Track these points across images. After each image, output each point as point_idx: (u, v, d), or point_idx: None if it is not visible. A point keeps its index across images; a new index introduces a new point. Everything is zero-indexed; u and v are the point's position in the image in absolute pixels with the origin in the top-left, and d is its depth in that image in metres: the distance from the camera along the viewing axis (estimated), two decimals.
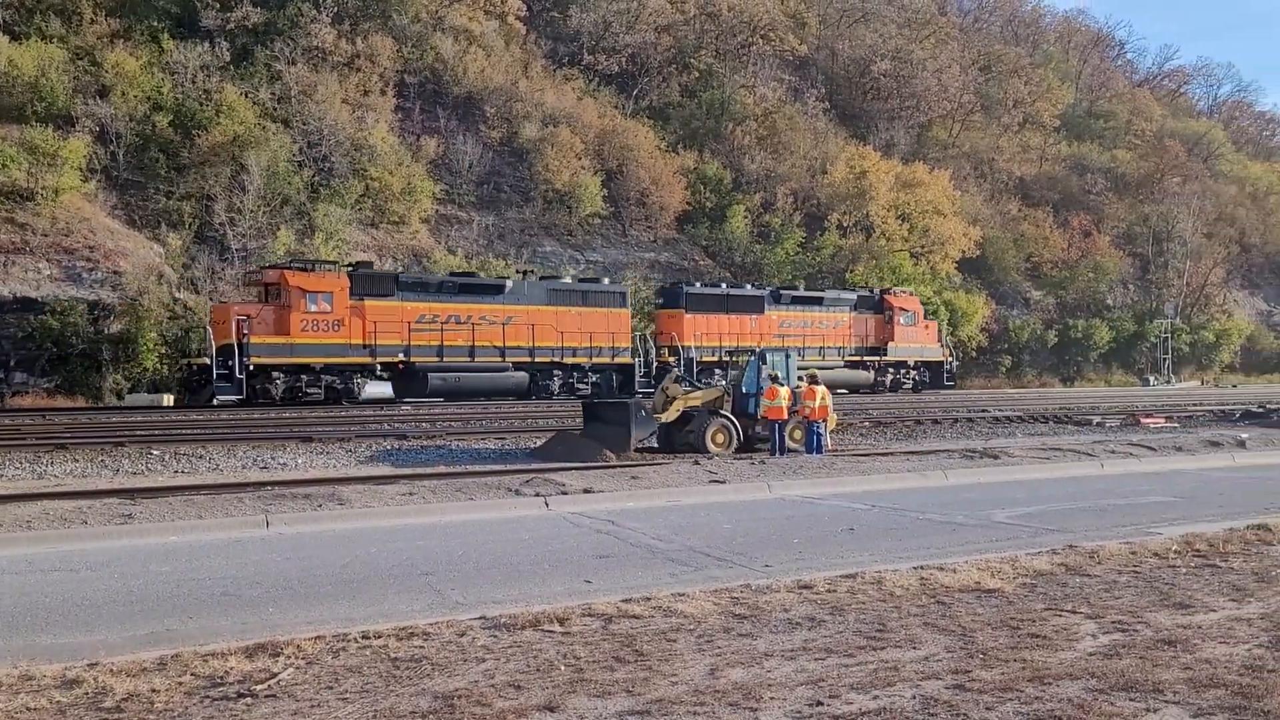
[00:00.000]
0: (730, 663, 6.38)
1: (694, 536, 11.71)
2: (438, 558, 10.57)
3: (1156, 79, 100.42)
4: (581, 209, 50.43)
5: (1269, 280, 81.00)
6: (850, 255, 55.42)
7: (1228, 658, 6.39)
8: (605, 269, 49.07)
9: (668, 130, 57.71)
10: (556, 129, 50.70)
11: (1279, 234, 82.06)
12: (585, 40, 59.57)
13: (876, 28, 73.09)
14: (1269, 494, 15.03)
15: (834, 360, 44.07)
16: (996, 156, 72.86)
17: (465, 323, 34.95)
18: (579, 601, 8.05)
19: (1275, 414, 31.81)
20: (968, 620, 7.42)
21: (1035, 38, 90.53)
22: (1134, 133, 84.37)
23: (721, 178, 56.11)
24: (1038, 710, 5.43)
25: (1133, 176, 76.78)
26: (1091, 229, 69.60)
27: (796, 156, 59.69)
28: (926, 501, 14.49)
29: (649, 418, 21.54)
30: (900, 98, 69.35)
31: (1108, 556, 9.76)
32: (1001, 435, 27.52)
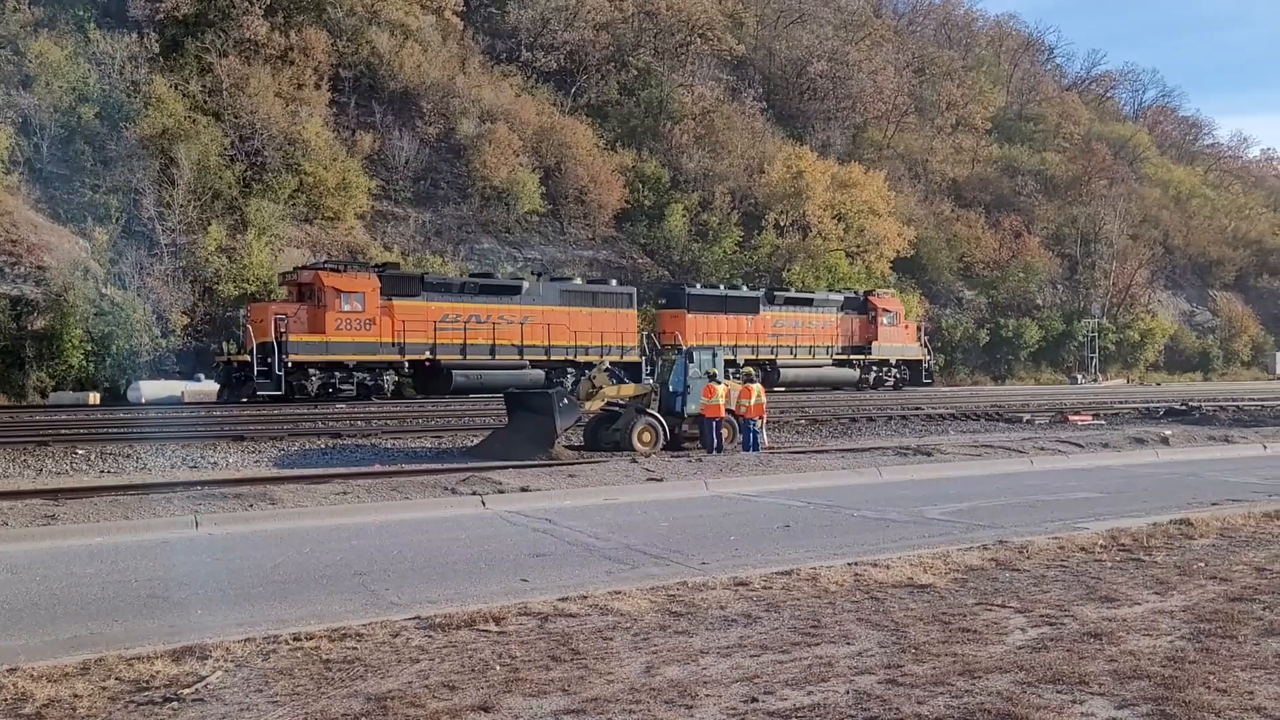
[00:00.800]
0: (666, 660, 6.39)
1: (631, 534, 11.71)
2: (372, 557, 10.45)
3: (1084, 83, 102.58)
4: (519, 206, 50.21)
5: (1191, 281, 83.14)
6: (787, 254, 55.83)
7: (1151, 649, 6.54)
8: (543, 266, 48.87)
9: (606, 128, 57.66)
10: (494, 125, 50.39)
11: (1201, 237, 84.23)
12: (523, 37, 59.28)
13: (813, 29, 73.72)
14: (1191, 489, 15.41)
15: (823, 359, 46.30)
16: (930, 158, 73.89)
17: (485, 322, 36.23)
18: (515, 601, 8.01)
19: (1197, 411, 32.68)
20: (900, 615, 7.51)
21: (968, 41, 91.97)
22: (1063, 136, 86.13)
23: (660, 176, 56.21)
24: (967, 704, 5.51)
25: (1061, 179, 78.36)
26: (1022, 230, 70.90)
27: (734, 156, 60.00)
28: (861, 498, 14.64)
29: (573, 405, 21.47)
30: (836, 99, 70.02)
31: (1037, 551, 9.94)
32: (935, 433, 27.92)
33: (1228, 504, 13.39)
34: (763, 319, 44.34)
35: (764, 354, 44.00)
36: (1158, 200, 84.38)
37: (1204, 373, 73.98)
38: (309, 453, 21.21)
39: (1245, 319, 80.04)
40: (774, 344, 44.52)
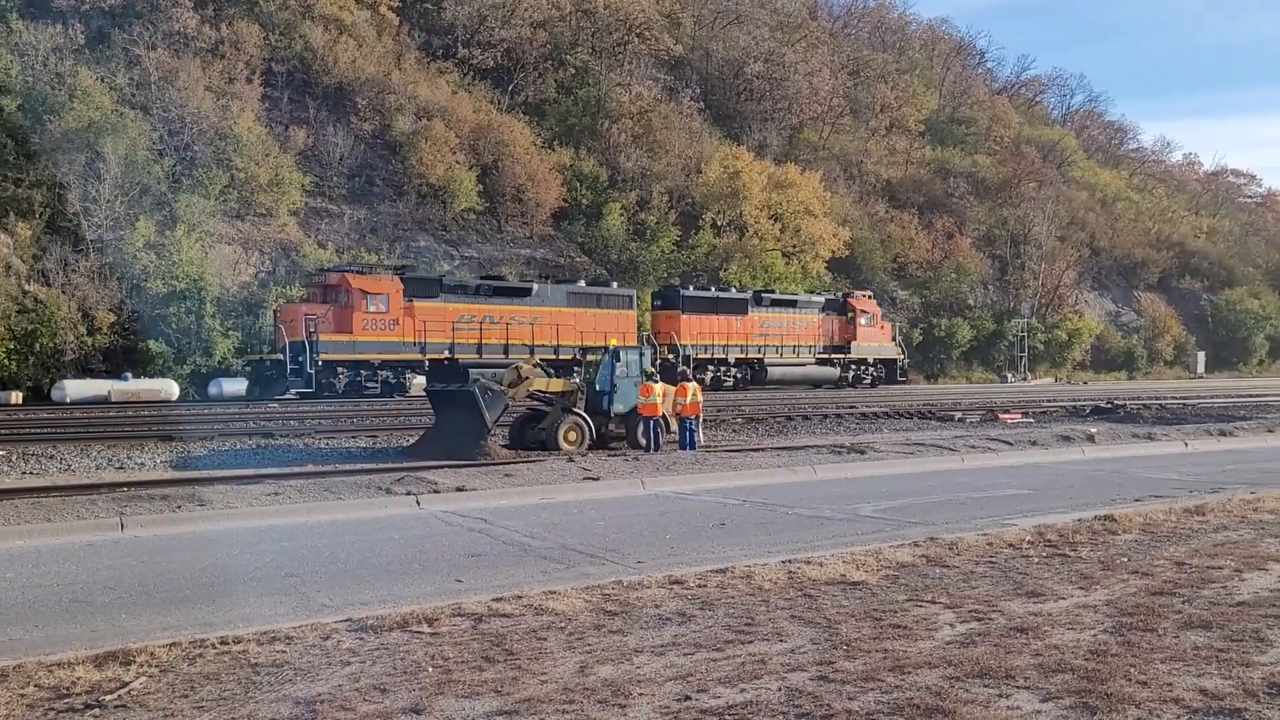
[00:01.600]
0: (600, 660, 6.38)
1: (567, 533, 11.69)
2: (303, 559, 10.31)
3: (1014, 88, 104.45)
4: (456, 204, 49.87)
5: (1116, 282, 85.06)
6: (724, 254, 56.13)
7: (1075, 643, 6.68)
8: (480, 265, 48.61)
9: (544, 126, 57.49)
10: (430, 122, 49.98)
11: (1126, 239, 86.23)
12: (460, 33, 58.86)
13: (750, 30, 74.18)
14: (1115, 486, 15.77)
15: (806, 358, 48.57)
16: (865, 159, 74.73)
17: (499, 322, 37.95)
18: (449, 601, 7.95)
19: (1122, 410, 33.47)
20: (833, 612, 7.58)
21: (901, 44, 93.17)
22: (993, 139, 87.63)
23: (598, 175, 56.17)
24: (897, 699, 5.58)
25: (992, 181, 79.71)
26: (954, 231, 72.00)
27: (672, 155, 60.16)
28: (796, 496, 14.76)
29: (498, 395, 21.29)
30: (773, 100, 70.51)
31: (966, 548, 10.10)
32: (869, 431, 28.24)
33: (1150, 500, 13.72)
34: (751, 320, 46.21)
35: (752, 353, 46.25)
36: (1085, 203, 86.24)
37: (1129, 372, 75.72)
38: (240, 453, 20.87)
39: (1168, 319, 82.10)
40: (761, 343, 46.62)
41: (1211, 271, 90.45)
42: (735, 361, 46.00)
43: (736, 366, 46.18)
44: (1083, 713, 5.38)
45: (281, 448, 21.66)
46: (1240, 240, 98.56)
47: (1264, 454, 20.93)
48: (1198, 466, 18.49)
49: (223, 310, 38.20)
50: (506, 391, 21.59)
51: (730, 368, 45.94)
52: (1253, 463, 19.07)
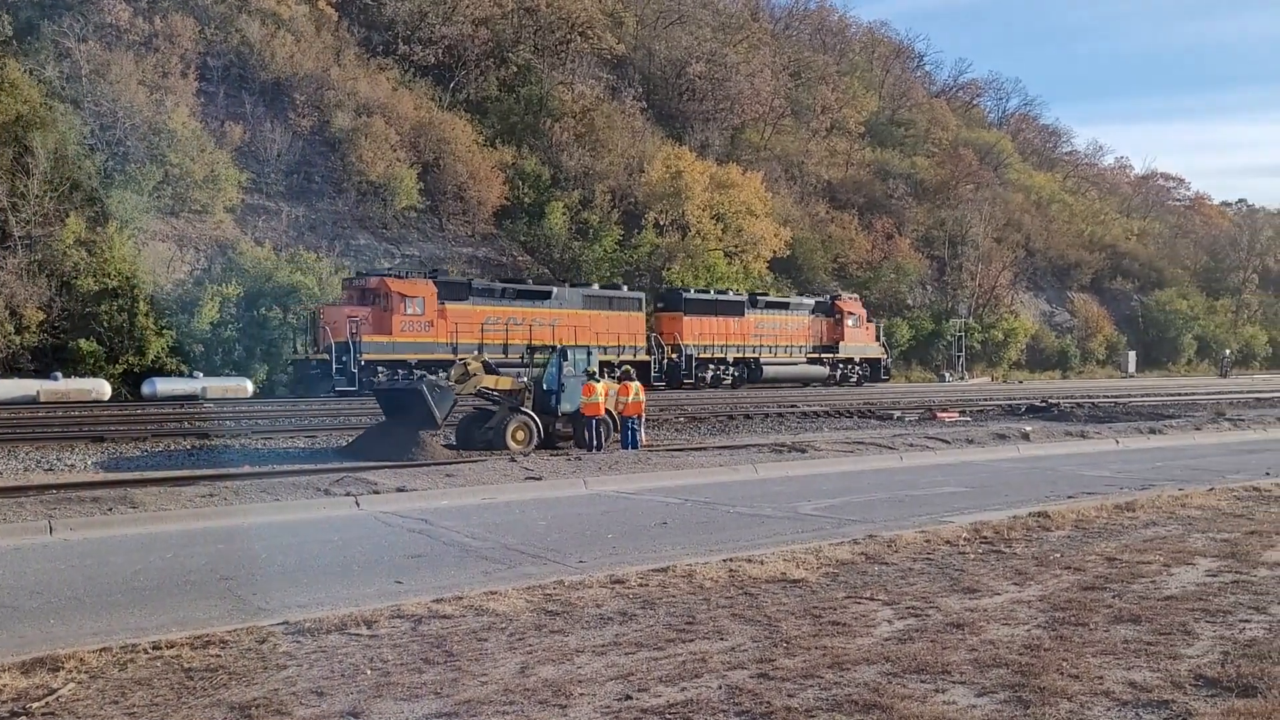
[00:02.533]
0: (541, 660, 6.37)
1: (509, 534, 11.64)
2: (239, 562, 10.15)
3: (952, 91, 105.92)
4: (397, 202, 49.41)
5: (1051, 283, 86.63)
6: (667, 254, 56.22)
7: (1009, 638, 6.79)
8: (421, 263, 48.22)
9: (485, 125, 57.16)
10: (370, 119, 49.47)
11: (1060, 240, 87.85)
12: (400, 30, 58.31)
13: (692, 30, 74.39)
14: (1049, 483, 16.06)
15: (798, 357, 51.02)
16: (806, 160, 75.30)
17: (522, 324, 39.49)
18: (388, 603, 7.87)
19: (1056, 408, 34.11)
20: (773, 610, 7.63)
21: (842, 47, 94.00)
22: (932, 141, 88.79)
23: (540, 174, 55.97)
24: (836, 695, 5.63)
25: (931, 182, 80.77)
26: (893, 232, 72.83)
27: (614, 155, 60.13)
28: (737, 495, 14.84)
29: (446, 392, 21.31)
30: (715, 100, 70.78)
31: (904, 545, 10.22)
32: (810, 430, 28.49)
33: (1083, 497, 13.99)
34: (747, 321, 48.57)
35: (749, 353, 48.61)
36: (1020, 205, 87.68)
37: (1062, 371, 77.13)
38: (174, 454, 20.51)
39: (1100, 319, 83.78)
40: (757, 344, 49.01)
41: (1142, 273, 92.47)
42: (733, 361, 48.22)
43: (734, 365, 48.29)
44: (1016, 706, 5.47)
45: (218, 449, 21.33)
46: (1169, 242, 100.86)
47: (1192, 451, 21.45)
48: (1128, 464, 18.89)
49: (156, 309, 37.46)
50: (454, 388, 21.58)
51: (729, 366, 48.08)
52: (1181, 460, 19.54)
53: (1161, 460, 19.49)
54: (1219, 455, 20.40)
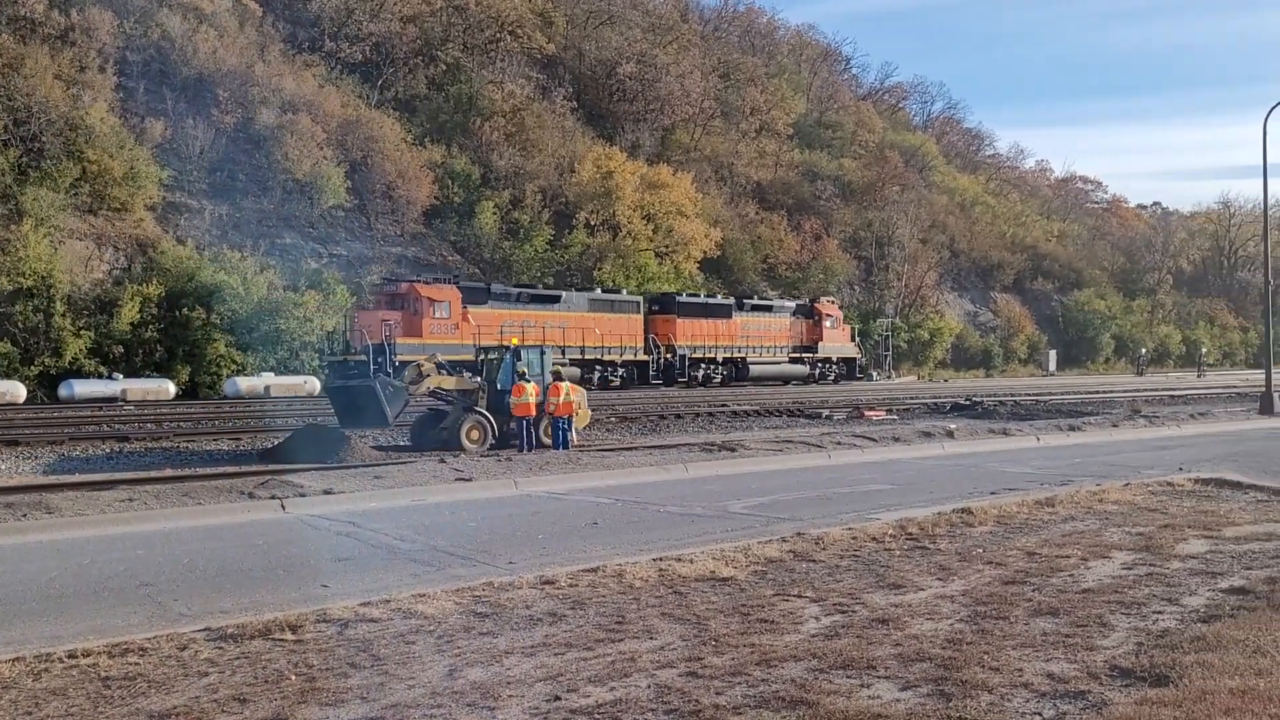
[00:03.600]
0: (470, 662, 6.33)
1: (438, 535, 11.56)
2: (160, 567, 9.93)
3: (878, 94, 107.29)
4: (324, 200, 48.68)
5: (974, 284, 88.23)
6: (598, 254, 56.21)
7: (933, 633, 6.91)
8: (349, 263, 47.63)
9: (414, 123, 56.61)
10: (296, 116, 48.67)
11: (983, 241, 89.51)
12: (326, 26, 57.50)
13: (622, 30, 74.43)
14: (973, 480, 16.37)
15: (781, 357, 53.32)
16: (735, 161, 75.75)
17: (535, 327, 40.95)
18: (314, 608, 7.77)
19: (980, 406, 34.77)
20: (702, 609, 7.68)
21: (770, 49, 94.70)
22: (859, 143, 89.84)
23: (470, 173, 55.58)
24: (763, 692, 5.69)
25: (858, 184, 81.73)
26: (822, 233, 73.55)
27: (545, 154, 59.93)
28: (668, 494, 14.90)
29: (399, 391, 21.52)
30: (645, 100, 70.90)
31: (832, 542, 10.35)
32: (740, 429, 28.68)
33: (1005, 493, 14.28)
34: (734, 323, 50.79)
35: (737, 353, 50.96)
36: (945, 206, 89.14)
37: (986, 369, 78.55)
38: (93, 458, 20.00)
39: (1022, 319, 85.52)
40: (744, 344, 51.24)
41: (1062, 273, 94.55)
42: (722, 360, 50.55)
43: (723, 365, 50.63)
44: (939, 700, 5.57)
45: (138, 452, 20.85)
46: (1088, 244, 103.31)
47: (1109, 448, 22.00)
48: (1049, 460, 19.32)
49: (74, 309, 36.50)
50: (408, 388, 21.73)
51: (719, 366, 50.44)
52: (1098, 456, 20.04)
53: (1080, 456, 19.97)
54: (1135, 451, 20.96)
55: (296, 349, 41.03)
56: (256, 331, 40.06)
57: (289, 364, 40.96)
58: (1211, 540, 10.33)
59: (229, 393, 37.11)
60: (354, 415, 21.98)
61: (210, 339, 38.51)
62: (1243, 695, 5.41)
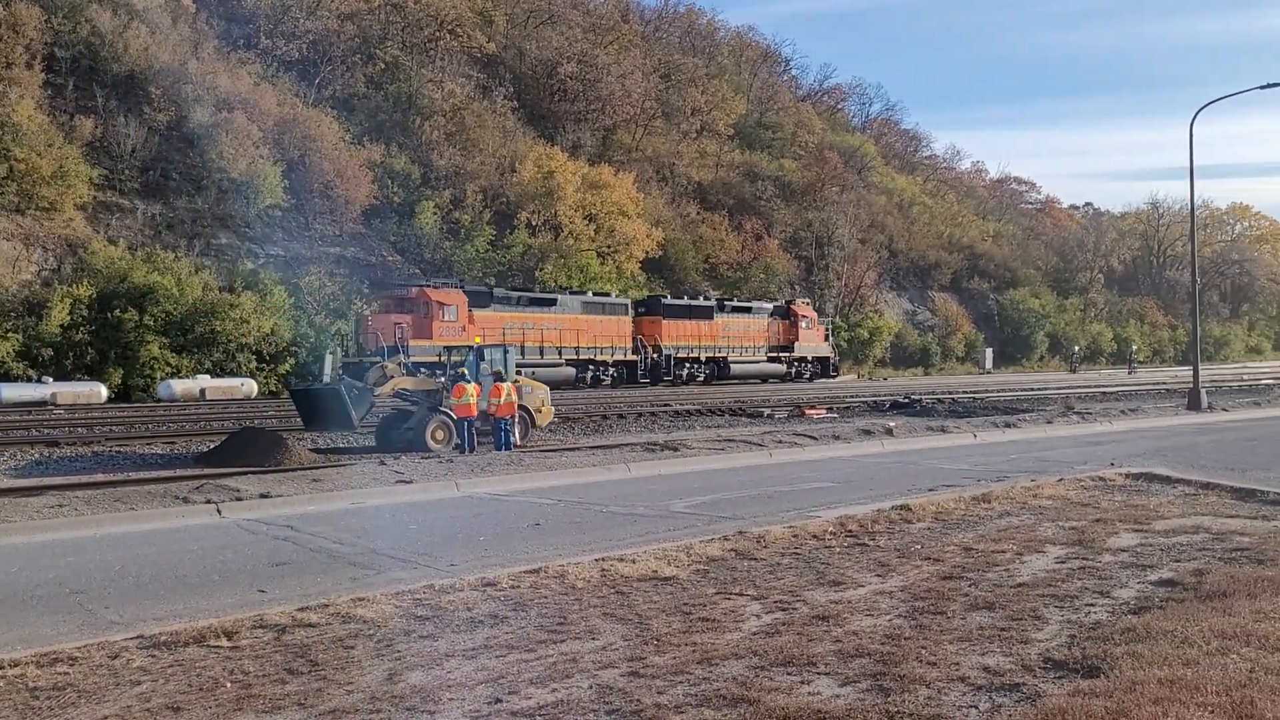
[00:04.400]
0: (410, 666, 6.28)
1: (378, 538, 11.45)
2: (91, 575, 9.71)
3: (817, 95, 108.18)
4: (260, 200, 47.93)
5: (913, 283, 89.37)
6: (540, 254, 56.04)
7: (872, 629, 6.99)
8: (286, 263, 46.97)
9: (353, 122, 55.98)
10: (231, 115, 47.88)
11: (921, 241, 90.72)
12: (262, 23, 56.65)
13: (563, 30, 74.29)
14: (911, 476, 16.57)
15: (760, 356, 55.81)
16: (677, 161, 75.99)
17: (535, 328, 43.84)
18: (251, 613, 7.65)
19: (918, 404, 35.22)
20: (644, 608, 7.69)
21: (711, 50, 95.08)
22: (798, 144, 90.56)
23: (410, 173, 55.10)
24: (705, 690, 5.71)
25: (798, 185, 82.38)
26: (762, 233, 74.06)
27: (486, 154, 59.63)
28: (610, 494, 14.89)
29: (365, 392, 21.63)
30: (586, 100, 70.83)
31: (773, 540, 10.41)
32: (682, 428, 28.74)
33: (942, 489, 14.48)
34: (716, 324, 53.08)
35: (719, 353, 53.20)
36: (883, 207, 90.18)
37: (925, 368, 79.59)
38: (21, 464, 19.50)
39: (959, 318, 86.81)
40: (725, 344, 53.64)
41: (997, 273, 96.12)
42: (705, 360, 52.84)
43: (706, 364, 52.93)
44: (877, 695, 5.63)
45: (68, 457, 20.38)
46: (1022, 244, 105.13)
47: (1043, 444, 22.41)
48: (985, 457, 19.63)
49: (1, 311, 35.59)
50: (373, 390, 21.83)
51: (701, 365, 52.74)
52: (1033, 452, 20.40)
53: (1016, 453, 20.31)
54: (1068, 447, 21.37)
55: (233, 351, 40.42)
56: (191, 333, 39.42)
57: (225, 366, 40.35)
58: (1141, 534, 10.57)
59: (163, 396, 36.67)
60: (319, 418, 22.11)
61: (143, 341, 37.80)
62: (1171, 685, 5.54)
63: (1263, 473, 15.95)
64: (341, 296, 46.38)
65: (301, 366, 38.72)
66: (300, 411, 22.96)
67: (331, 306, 45.39)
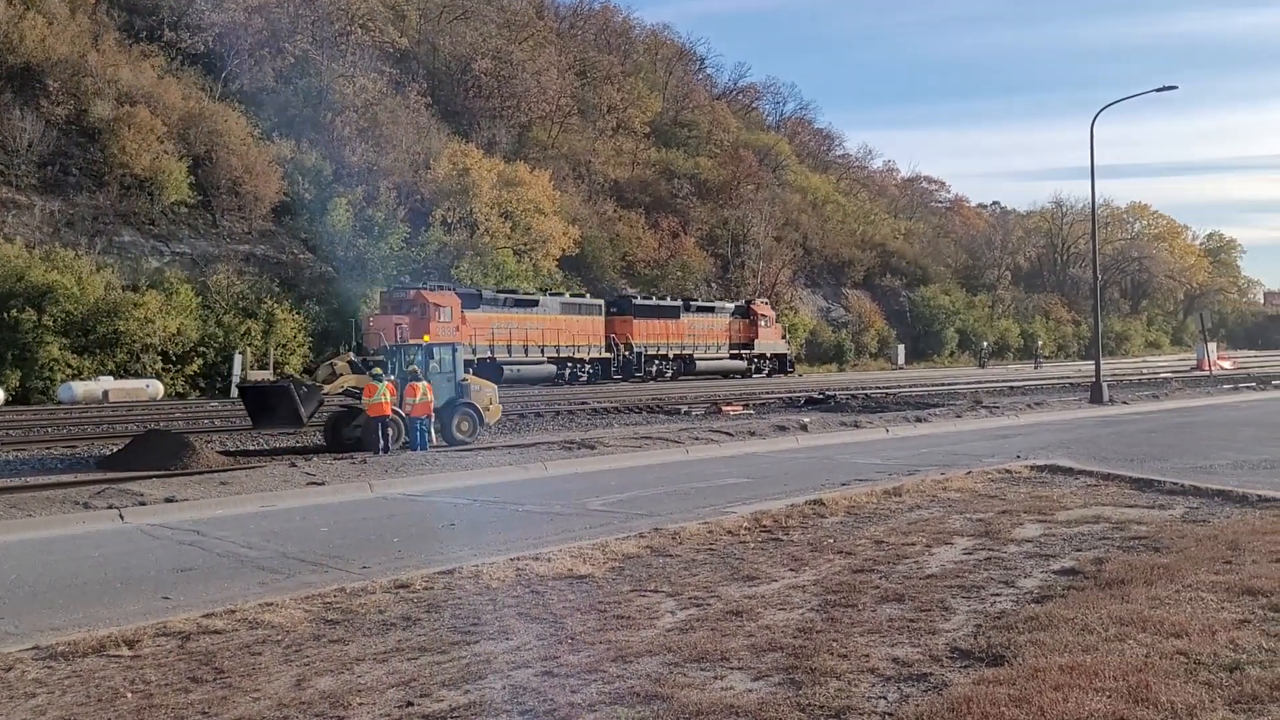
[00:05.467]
0: (319, 672, 6.17)
1: (288, 542, 11.24)
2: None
3: (732, 94, 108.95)
4: (165, 196, 46.65)
5: (827, 280, 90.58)
6: (455, 251, 55.52)
7: (785, 623, 7.06)
8: (193, 261, 45.87)
9: (261, 117, 54.79)
10: (134, 109, 46.52)
11: (834, 239, 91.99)
12: (165, 15, 55.14)
13: (477, 26, 73.71)
14: (826, 471, 16.79)
15: (723, 353, 58.90)
16: (593, 159, 75.91)
17: (520, 328, 46.51)
18: (154, 621, 7.45)
19: (833, 400, 35.70)
20: (559, 607, 7.66)
21: (626, 48, 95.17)
22: (714, 142, 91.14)
23: (321, 169, 54.14)
24: (618, 689, 5.70)
25: (713, 183, 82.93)
26: (679, 230, 74.40)
27: (399, 150, 58.87)
28: (527, 493, 14.83)
29: (314, 391, 21.81)
30: (501, 97, 70.39)
31: (689, 536, 10.46)
32: (600, 426, 28.70)
33: (855, 484, 14.68)
34: (682, 323, 56.10)
35: (685, 350, 56.38)
36: (798, 205, 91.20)
37: (839, 364, 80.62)
38: None
39: (873, 315, 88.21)
40: (691, 342, 56.77)
41: (909, 270, 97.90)
42: (673, 357, 55.83)
43: (673, 361, 55.85)
44: (789, 688, 5.69)
45: None
46: (933, 242, 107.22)
47: (953, 438, 22.89)
48: (897, 451, 19.98)
49: None
50: (321, 388, 21.94)
51: (669, 362, 55.70)
52: (943, 446, 20.82)
53: (927, 447, 20.71)
54: (977, 441, 21.86)
55: (137, 352, 39.33)
56: (93, 334, 38.26)
57: (129, 367, 39.24)
58: (1045, 524, 10.85)
59: (64, 398, 35.70)
60: (267, 416, 22.15)
61: (42, 342, 36.61)
62: (1071, 671, 5.69)
63: (1160, 463, 16.51)
64: (251, 295, 45.44)
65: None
66: (249, 409, 23.03)
67: (241, 305, 44.41)
